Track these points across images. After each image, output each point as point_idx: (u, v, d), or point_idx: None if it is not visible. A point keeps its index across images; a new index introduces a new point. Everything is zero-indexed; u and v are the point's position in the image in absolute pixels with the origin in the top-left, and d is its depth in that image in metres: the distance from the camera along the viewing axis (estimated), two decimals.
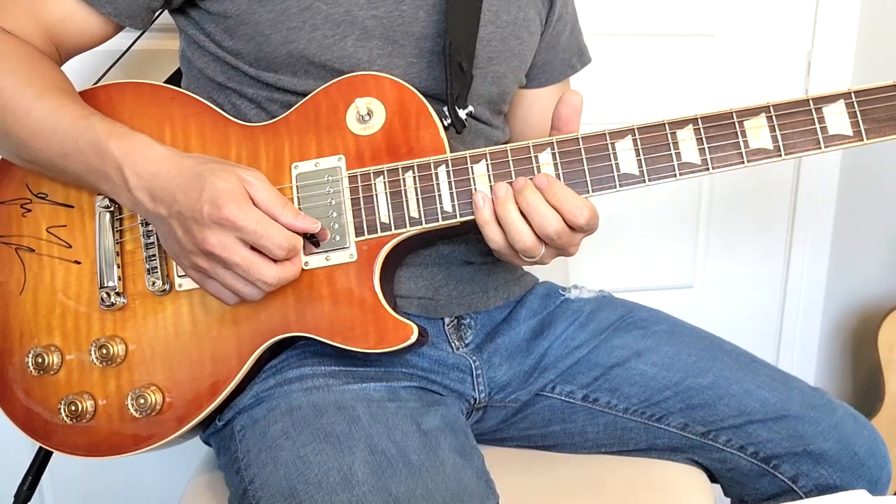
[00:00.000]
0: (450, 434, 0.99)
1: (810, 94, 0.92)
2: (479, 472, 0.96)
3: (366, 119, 0.98)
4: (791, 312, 2.03)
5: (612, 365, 1.14)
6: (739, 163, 0.93)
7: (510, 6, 1.12)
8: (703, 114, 0.94)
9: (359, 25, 1.01)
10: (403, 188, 0.96)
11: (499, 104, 1.16)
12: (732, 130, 0.93)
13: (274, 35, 1.00)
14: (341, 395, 0.98)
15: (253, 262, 0.90)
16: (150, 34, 1.18)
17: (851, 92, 0.92)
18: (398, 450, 0.92)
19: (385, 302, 0.96)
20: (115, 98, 1.04)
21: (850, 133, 0.91)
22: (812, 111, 0.92)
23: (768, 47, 1.87)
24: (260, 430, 0.97)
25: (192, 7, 1.05)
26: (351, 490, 0.88)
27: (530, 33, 1.17)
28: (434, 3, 1.05)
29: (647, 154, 0.93)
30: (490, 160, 0.95)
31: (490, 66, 1.10)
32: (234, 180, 0.89)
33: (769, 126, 0.92)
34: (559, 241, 0.93)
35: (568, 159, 0.94)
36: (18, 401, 1.03)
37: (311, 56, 1.01)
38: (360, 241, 0.97)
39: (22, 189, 1.06)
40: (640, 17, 1.77)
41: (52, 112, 0.96)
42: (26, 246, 1.04)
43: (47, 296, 1.03)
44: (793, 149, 0.92)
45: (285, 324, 0.98)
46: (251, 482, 0.94)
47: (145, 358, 1.00)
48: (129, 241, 1.02)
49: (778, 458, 1.10)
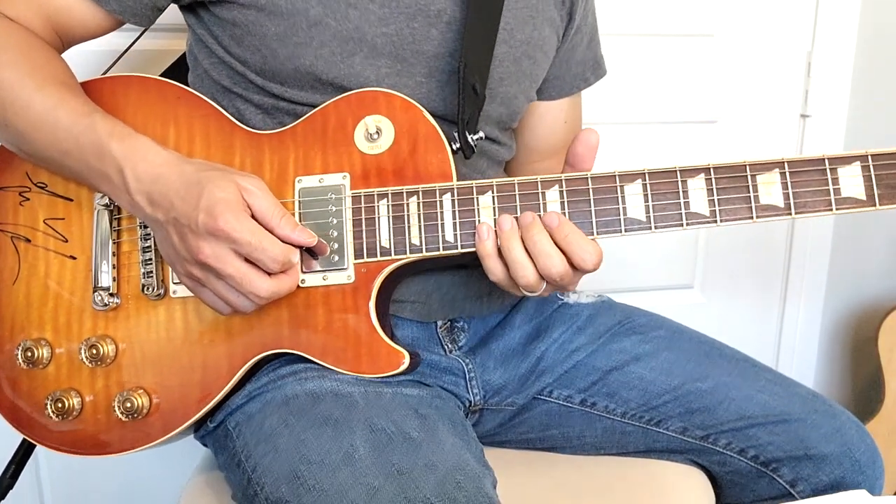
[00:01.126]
0: (448, 421, 0.99)
1: (826, 154, 0.90)
2: (478, 458, 0.97)
3: (374, 137, 0.96)
4: (791, 312, 2.03)
5: (610, 369, 1.13)
6: (748, 218, 0.91)
7: (525, 25, 1.09)
8: (716, 164, 0.92)
9: (367, 43, 0.99)
10: (406, 213, 0.95)
11: (507, 123, 1.14)
12: (744, 184, 0.91)
13: (280, 50, 0.98)
14: (337, 384, 0.97)
15: (246, 274, 0.89)
16: (156, 34, 1.15)
17: (868, 155, 0.90)
18: (397, 428, 0.92)
19: (380, 328, 0.95)
20: (119, 92, 1.02)
21: (864, 197, 0.90)
22: (827, 171, 0.90)
23: (768, 47, 1.85)
24: (256, 424, 0.97)
25: (201, 7, 1.02)
26: (353, 465, 0.88)
27: (544, 53, 1.14)
28: (449, 22, 1.02)
29: (656, 201, 0.92)
30: (496, 192, 0.94)
31: (501, 87, 1.08)
32: (232, 189, 0.88)
33: (782, 183, 0.91)
34: (561, 283, 0.92)
35: (575, 198, 0.93)
36: (4, 392, 1.03)
37: (318, 73, 0.98)
38: (358, 263, 0.96)
39: (21, 177, 1.04)
40: (640, 17, 1.74)
41: (53, 107, 0.94)
42: (22, 235, 1.03)
43: (41, 289, 1.02)
44: (803, 208, 0.90)
45: (278, 339, 0.97)
46: (253, 471, 0.94)
47: (135, 360, 1.00)
48: (126, 243, 1.01)
49: (778, 462, 1.10)
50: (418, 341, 1.10)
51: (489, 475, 0.94)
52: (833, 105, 1.90)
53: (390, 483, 0.86)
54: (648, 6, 1.75)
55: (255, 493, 0.92)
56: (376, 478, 0.86)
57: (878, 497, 0.85)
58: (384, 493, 0.85)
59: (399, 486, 0.85)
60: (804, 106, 1.89)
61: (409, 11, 1.00)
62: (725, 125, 1.86)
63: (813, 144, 1.90)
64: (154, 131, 0.99)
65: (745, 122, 1.87)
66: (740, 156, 0.92)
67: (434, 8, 1.01)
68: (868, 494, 0.82)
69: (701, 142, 1.85)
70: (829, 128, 1.90)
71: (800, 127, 1.91)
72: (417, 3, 1.00)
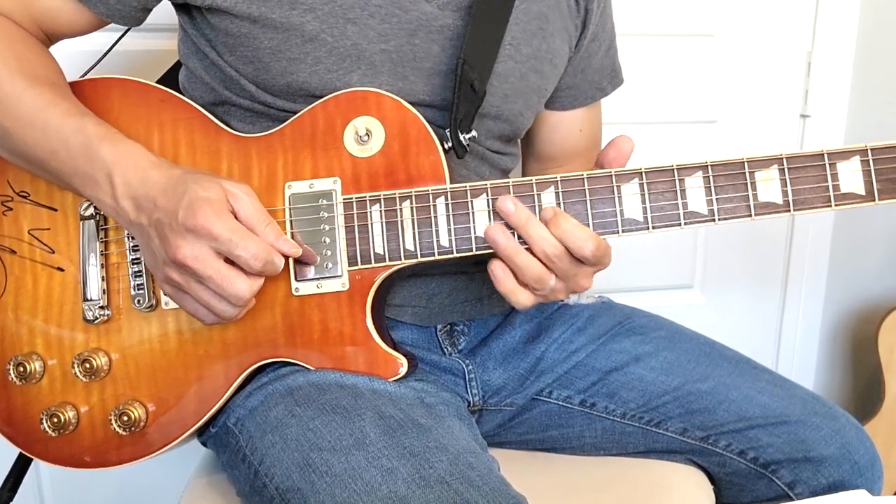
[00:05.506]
0: (454, 411, 0.99)
1: (825, 149, 0.89)
2: (483, 448, 0.96)
3: (364, 140, 0.95)
4: (791, 312, 2.02)
5: (609, 370, 1.12)
6: (747, 216, 0.90)
7: (533, 38, 1.07)
8: (714, 161, 0.90)
9: (366, 60, 0.97)
10: (400, 218, 0.93)
11: (512, 138, 1.13)
12: (743, 181, 0.90)
13: (273, 64, 0.96)
14: (340, 376, 0.96)
15: (226, 275, 0.86)
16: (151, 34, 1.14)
17: (868, 149, 0.89)
18: (405, 415, 0.91)
19: (376, 335, 0.94)
20: (101, 94, 1.00)
21: (863, 192, 0.88)
22: (826, 166, 0.89)
23: (768, 47, 1.84)
24: (260, 416, 0.95)
25: (196, 10, 1.00)
26: (365, 449, 0.87)
27: (553, 65, 1.11)
28: (452, 38, 1.00)
29: (654, 200, 0.90)
30: (491, 195, 0.92)
31: (506, 104, 1.06)
32: (216, 190, 0.86)
33: (780, 179, 0.89)
34: (560, 265, 0.89)
35: (571, 200, 0.91)
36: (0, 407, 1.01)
37: (312, 89, 0.96)
38: (352, 270, 0.94)
39: (3, 185, 1.02)
40: (640, 17, 1.74)
41: (44, 106, 0.92)
42: (7, 247, 1.01)
43: (29, 302, 1.01)
44: (802, 204, 0.89)
45: (273, 348, 0.96)
46: (260, 463, 0.92)
47: (129, 373, 0.99)
48: (114, 254, 0.99)
49: (777, 464, 1.09)
50: (417, 343, 1.09)
51: (496, 462, 0.94)
52: (833, 105, 1.89)
53: (404, 464, 0.85)
54: (648, 6, 1.74)
55: (263, 484, 0.91)
56: (390, 459, 0.85)
57: (878, 497, 0.84)
58: (399, 474, 0.84)
59: (413, 466, 0.85)
60: (804, 106, 1.89)
61: (411, 27, 0.98)
62: (725, 125, 1.86)
63: (813, 144, 1.89)
64: (137, 136, 0.96)
65: (745, 122, 1.86)
66: (740, 156, 0.91)
67: (437, 24, 0.99)
68: (868, 494, 0.82)
69: (701, 142, 1.84)
70: (829, 128, 1.90)
71: (800, 127, 1.90)
72: (420, 18, 0.99)
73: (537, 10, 1.07)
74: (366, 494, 0.83)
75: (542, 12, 1.08)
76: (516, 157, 1.17)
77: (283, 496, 0.88)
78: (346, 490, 0.84)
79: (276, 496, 0.89)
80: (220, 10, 0.96)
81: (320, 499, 0.84)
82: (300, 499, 0.86)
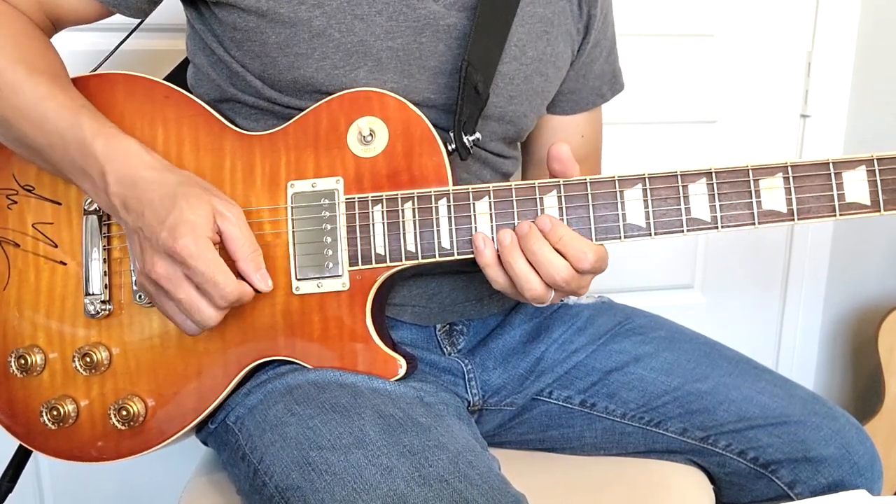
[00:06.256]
0: (453, 410, 0.99)
1: (831, 158, 0.89)
2: (483, 447, 0.96)
3: (367, 140, 0.95)
4: (791, 312, 2.02)
5: (609, 370, 1.13)
6: (750, 224, 0.90)
7: (538, 41, 1.07)
8: (718, 168, 0.90)
9: (373, 56, 0.97)
10: (402, 220, 0.93)
11: (514, 140, 1.13)
12: (747, 189, 0.90)
13: (281, 59, 0.96)
14: (340, 375, 0.96)
15: (195, 303, 0.88)
16: (157, 34, 1.13)
17: (875, 159, 0.88)
18: (405, 414, 0.92)
19: (376, 336, 0.94)
20: (106, 89, 1.00)
21: (868, 202, 0.88)
22: (832, 175, 0.88)
23: (768, 47, 1.84)
24: (259, 415, 0.95)
25: (203, 4, 1.00)
26: (365, 447, 0.87)
27: (556, 69, 1.11)
28: (458, 37, 1.00)
29: (657, 206, 0.90)
30: (493, 198, 0.92)
31: (510, 106, 1.06)
32: (203, 212, 0.87)
33: (785, 188, 0.89)
34: (568, 288, 0.90)
35: (574, 204, 0.91)
36: (0, 399, 1.01)
37: (319, 85, 0.96)
38: (353, 270, 0.94)
39: (8, 179, 1.02)
40: (640, 17, 1.74)
41: (43, 98, 0.92)
42: (11, 240, 1.01)
43: (32, 295, 1.01)
44: (806, 213, 0.89)
45: (273, 347, 0.96)
46: (260, 462, 0.92)
47: (129, 368, 0.99)
48: (116, 249, 0.99)
49: (777, 464, 1.09)
50: (416, 343, 1.09)
51: (496, 461, 0.94)
52: (833, 105, 1.89)
53: (404, 462, 0.85)
54: (648, 6, 1.74)
55: (263, 483, 0.91)
56: (389, 458, 0.86)
57: (878, 497, 0.85)
58: (398, 472, 0.84)
59: (413, 464, 0.85)
60: (804, 106, 1.88)
61: (418, 25, 0.98)
62: (725, 125, 1.85)
63: (813, 144, 1.89)
64: (141, 132, 0.97)
65: (745, 123, 1.86)
66: (740, 156, 0.91)
67: (444, 22, 0.99)
68: (868, 494, 0.82)
69: (701, 142, 1.84)
70: (829, 128, 1.90)
71: (800, 127, 1.90)
72: (427, 16, 0.98)
73: (542, 14, 1.07)
74: (365, 493, 0.83)
75: (547, 16, 1.08)
76: (517, 161, 1.17)
77: (282, 494, 0.88)
78: (345, 488, 0.84)
79: (276, 494, 0.89)
80: (228, 5, 0.96)
81: (320, 497, 0.84)
82: (300, 497, 0.86)
